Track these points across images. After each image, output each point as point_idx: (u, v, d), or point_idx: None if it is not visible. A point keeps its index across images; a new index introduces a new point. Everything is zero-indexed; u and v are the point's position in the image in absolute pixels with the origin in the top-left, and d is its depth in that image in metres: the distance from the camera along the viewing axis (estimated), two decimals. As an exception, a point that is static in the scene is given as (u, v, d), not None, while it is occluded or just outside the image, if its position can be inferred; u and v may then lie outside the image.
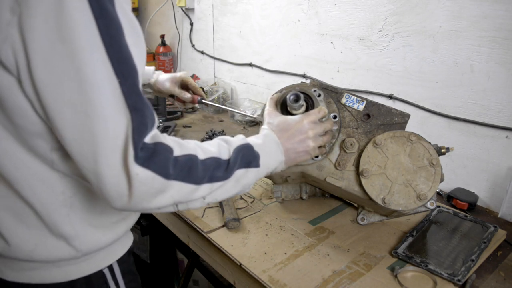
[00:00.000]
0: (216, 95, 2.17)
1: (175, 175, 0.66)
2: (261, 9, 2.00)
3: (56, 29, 0.58)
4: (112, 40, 0.60)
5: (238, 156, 0.79)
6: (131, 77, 0.63)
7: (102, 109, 0.60)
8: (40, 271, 0.77)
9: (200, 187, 0.71)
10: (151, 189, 0.64)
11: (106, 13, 0.60)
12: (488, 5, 1.24)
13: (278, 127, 0.92)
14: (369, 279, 0.98)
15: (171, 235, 1.37)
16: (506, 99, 1.27)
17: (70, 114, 0.60)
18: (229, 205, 1.23)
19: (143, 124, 0.63)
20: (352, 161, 1.09)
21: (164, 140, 0.67)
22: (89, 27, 0.58)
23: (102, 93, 0.60)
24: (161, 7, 2.58)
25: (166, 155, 0.66)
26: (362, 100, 1.10)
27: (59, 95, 0.60)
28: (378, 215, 1.19)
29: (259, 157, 0.83)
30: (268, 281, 0.96)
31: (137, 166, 0.62)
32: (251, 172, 0.81)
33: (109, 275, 0.84)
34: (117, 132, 0.61)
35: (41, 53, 0.58)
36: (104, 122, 0.60)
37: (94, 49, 0.59)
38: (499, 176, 1.33)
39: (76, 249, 0.76)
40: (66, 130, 0.61)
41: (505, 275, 1.02)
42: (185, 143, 0.72)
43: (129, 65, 0.63)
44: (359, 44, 1.62)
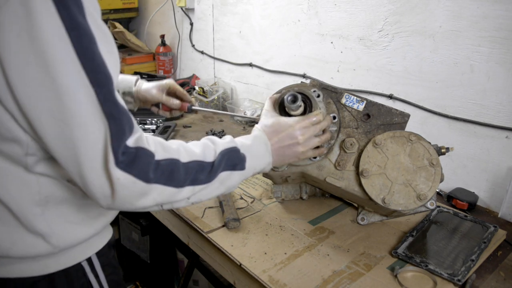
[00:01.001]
0: (216, 95, 2.17)
1: (156, 179, 0.69)
2: (261, 9, 2.00)
3: (29, 43, 0.60)
4: (85, 50, 0.63)
5: (223, 159, 0.80)
6: (106, 85, 0.65)
7: (79, 117, 0.63)
8: (18, 265, 0.79)
9: (182, 190, 0.74)
10: (132, 192, 0.67)
11: (77, 24, 0.62)
12: (488, 5, 1.24)
13: (271, 128, 0.94)
14: (369, 279, 0.98)
15: (171, 235, 1.37)
16: (506, 99, 1.27)
17: (51, 123, 0.63)
18: (229, 205, 1.23)
19: (120, 130, 0.65)
20: (352, 161, 1.09)
21: (147, 144, 0.69)
22: (61, 39, 0.61)
23: (79, 102, 0.62)
24: (161, 7, 2.58)
25: (147, 160, 0.68)
26: (362, 100, 1.10)
27: (38, 106, 0.62)
28: (378, 215, 1.19)
29: (245, 160, 0.85)
30: (268, 281, 0.96)
31: (118, 170, 0.65)
32: (236, 174, 0.83)
33: (88, 268, 0.86)
34: (96, 138, 0.64)
35: (17, 67, 0.61)
36: (83, 129, 0.63)
37: (67, 60, 0.61)
38: (499, 176, 1.33)
39: (53, 245, 0.78)
40: (48, 138, 0.65)
41: (505, 275, 1.02)
42: (169, 145, 0.74)
43: (104, 74, 0.65)
44: (359, 44, 1.62)
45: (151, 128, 1.88)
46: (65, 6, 0.61)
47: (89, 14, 0.64)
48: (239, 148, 0.85)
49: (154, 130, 1.85)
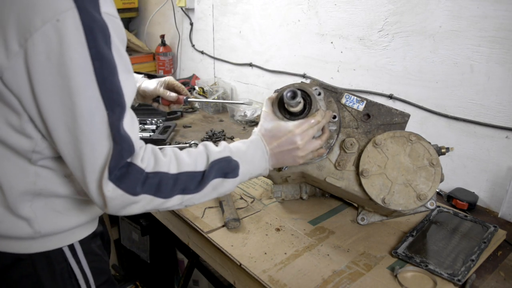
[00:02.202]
0: (216, 95, 2.17)
1: (144, 191, 0.76)
2: (261, 9, 2.00)
3: (57, 66, 0.67)
4: (105, 79, 0.70)
5: (213, 168, 0.83)
6: (118, 113, 0.72)
7: (90, 137, 0.71)
8: (4, 241, 0.84)
9: (171, 199, 0.80)
10: (122, 202, 0.75)
11: (101, 55, 0.69)
12: (488, 5, 1.24)
13: (270, 132, 0.94)
14: (369, 279, 0.98)
15: (171, 235, 1.37)
16: (506, 99, 1.27)
17: (66, 136, 0.72)
18: (229, 205, 1.23)
19: (119, 155, 0.73)
20: (352, 161, 1.09)
21: (139, 160, 0.76)
22: (86, 67, 0.68)
23: (92, 124, 0.70)
24: (161, 7, 2.58)
25: (136, 176, 0.75)
26: (362, 100, 1.10)
27: (57, 120, 0.71)
28: (378, 215, 1.19)
29: (239, 168, 0.87)
30: (268, 281, 0.96)
31: (110, 184, 0.72)
32: (229, 181, 0.86)
33: (69, 253, 0.90)
34: (99, 156, 0.72)
35: (43, 84, 0.69)
36: (91, 147, 0.71)
37: (88, 86, 0.69)
38: (499, 176, 1.33)
39: (35, 230, 0.84)
40: (62, 147, 0.73)
41: (505, 275, 1.02)
42: (161, 157, 0.79)
43: (118, 102, 0.73)
44: (359, 44, 1.62)
45: (151, 128, 1.88)
46: (94, 37, 0.68)
47: (114, 45, 0.72)
48: (231, 155, 0.87)
49: (154, 130, 1.85)
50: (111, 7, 0.74)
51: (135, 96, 1.29)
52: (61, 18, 0.66)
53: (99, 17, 0.70)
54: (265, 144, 0.93)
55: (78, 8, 0.67)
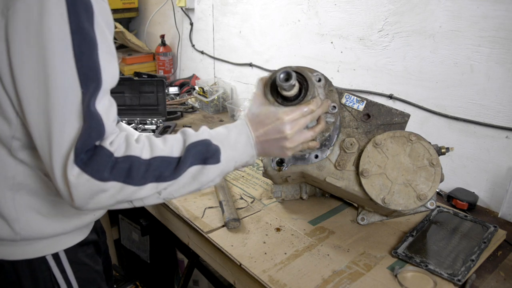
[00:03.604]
0: (216, 95, 2.17)
1: (113, 177, 0.69)
2: (261, 9, 2.00)
3: (35, 37, 0.66)
4: (82, 54, 0.67)
5: (190, 153, 0.75)
6: (91, 90, 0.69)
7: (61, 113, 0.67)
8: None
9: (144, 187, 0.72)
10: (88, 190, 0.68)
11: (82, 30, 0.67)
12: (488, 5, 1.24)
13: (257, 117, 0.84)
14: (369, 279, 0.98)
15: (171, 235, 1.37)
16: (506, 99, 1.27)
17: (37, 113, 0.68)
18: (229, 205, 1.23)
19: (87, 134, 0.68)
20: (352, 161, 1.09)
21: (108, 143, 0.70)
22: (64, 40, 0.66)
23: (64, 99, 0.67)
24: (161, 7, 2.58)
25: (103, 159, 0.69)
26: (362, 100, 1.10)
27: (30, 96, 0.68)
28: (378, 215, 1.19)
29: (220, 152, 0.78)
30: (268, 281, 0.96)
31: (75, 169, 0.67)
32: (210, 168, 0.77)
33: (53, 262, 0.87)
34: (68, 137, 0.68)
35: (20, 55, 0.67)
36: (60, 125, 0.67)
37: (64, 60, 0.66)
38: (499, 176, 1.33)
39: (15, 232, 0.81)
40: (33, 127, 0.69)
41: (505, 275, 1.02)
42: (133, 142, 0.73)
43: (94, 79, 0.69)
44: (359, 44, 1.62)
45: (151, 128, 1.88)
46: (76, 11, 0.67)
47: (98, 25, 0.70)
48: (211, 139, 0.78)
49: (154, 130, 1.85)
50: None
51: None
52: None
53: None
54: (251, 130, 0.82)
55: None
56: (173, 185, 0.75)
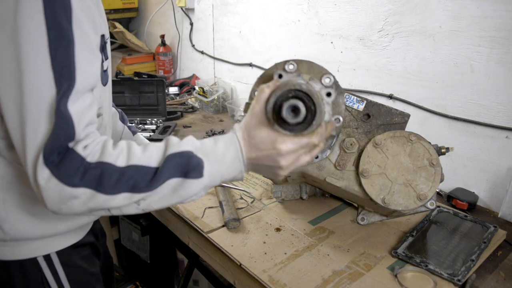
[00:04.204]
0: (216, 95, 2.17)
1: (83, 183, 0.66)
2: (261, 9, 2.00)
3: (10, 33, 0.64)
4: (58, 51, 0.65)
5: (169, 164, 0.69)
6: (64, 89, 0.66)
7: (34, 113, 0.65)
8: None
9: (116, 196, 0.67)
10: (58, 195, 0.66)
11: (58, 26, 0.65)
12: (488, 5, 1.24)
13: (253, 140, 0.73)
14: (369, 279, 0.98)
15: (171, 235, 1.37)
16: (506, 99, 1.27)
17: (13, 112, 0.67)
18: (229, 205, 1.23)
19: (55, 134, 0.65)
20: (352, 161, 1.09)
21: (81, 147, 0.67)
22: (39, 36, 0.64)
23: (38, 98, 0.65)
24: (161, 7, 2.58)
25: (74, 163, 0.66)
26: (362, 100, 1.10)
27: (7, 94, 0.66)
28: (378, 215, 1.19)
29: (203, 166, 0.70)
30: (268, 281, 0.96)
31: (45, 171, 0.64)
32: (191, 183, 0.70)
33: (45, 264, 0.86)
34: (41, 136, 0.66)
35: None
36: (33, 125, 0.65)
37: (38, 57, 0.64)
38: (499, 176, 1.33)
39: (4, 231, 0.80)
40: (9, 124, 0.68)
41: (505, 275, 1.02)
42: (109, 148, 0.69)
43: (67, 77, 0.66)
44: (359, 44, 1.62)
45: (151, 128, 1.88)
46: (52, 7, 0.65)
47: (76, 21, 0.67)
48: (194, 151, 0.70)
49: (154, 130, 1.85)
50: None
51: None
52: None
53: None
54: (242, 146, 0.73)
55: None
56: (151, 197, 0.69)
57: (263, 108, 0.73)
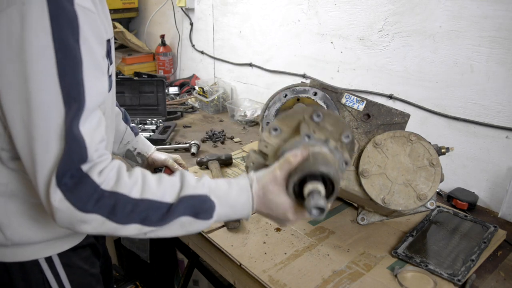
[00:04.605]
0: (216, 95, 2.17)
1: (95, 210, 0.67)
2: (261, 9, 2.00)
3: (16, 52, 0.63)
4: (66, 72, 0.65)
5: (183, 204, 0.72)
6: (74, 110, 0.66)
7: (43, 132, 0.65)
8: None
9: (127, 227, 0.69)
10: (69, 217, 0.67)
11: (65, 46, 0.65)
12: (488, 5, 1.24)
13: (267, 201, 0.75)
14: (369, 279, 0.98)
15: (171, 235, 1.37)
16: (506, 99, 1.27)
17: (21, 130, 0.67)
18: (229, 205, 1.23)
19: (68, 156, 0.66)
20: (352, 161, 1.09)
21: (96, 173, 0.68)
22: (46, 56, 0.64)
23: (47, 118, 0.65)
24: (161, 7, 2.58)
25: (88, 190, 0.67)
26: (362, 100, 1.10)
27: (13, 111, 0.66)
28: (378, 215, 1.19)
29: (214, 209, 0.74)
30: (268, 281, 0.96)
31: (58, 192, 0.65)
32: (200, 223, 0.74)
33: (46, 265, 0.86)
34: (51, 156, 0.66)
35: (2, 70, 0.65)
36: (43, 144, 0.66)
37: (47, 77, 0.64)
38: (499, 176, 1.33)
39: (6, 237, 0.80)
40: (18, 143, 0.68)
41: (505, 275, 1.02)
42: (125, 177, 0.70)
43: (76, 98, 0.67)
44: (359, 44, 1.62)
45: (151, 128, 1.88)
46: (60, 26, 0.64)
47: (84, 39, 0.67)
48: (209, 194, 0.74)
49: (154, 130, 1.85)
50: (87, 1, 0.69)
51: (141, 161, 1.29)
52: (27, 2, 0.63)
53: (70, 8, 0.65)
54: (254, 202, 0.76)
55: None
56: (160, 230, 0.72)
57: (285, 177, 0.74)
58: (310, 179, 0.70)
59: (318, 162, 0.71)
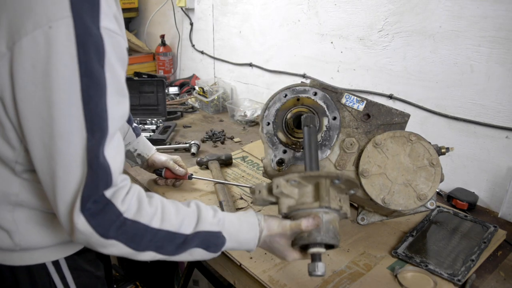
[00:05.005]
0: (216, 95, 2.17)
1: (116, 236, 0.69)
2: (261, 9, 2.00)
3: (41, 76, 0.63)
4: (91, 99, 0.65)
5: (198, 239, 0.77)
6: (97, 138, 0.67)
7: (65, 157, 0.66)
8: None
9: (143, 253, 0.73)
10: (89, 240, 0.69)
11: (91, 72, 0.64)
12: (488, 5, 1.24)
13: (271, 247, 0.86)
14: (369, 279, 0.98)
15: (171, 235, 1.37)
16: (506, 99, 1.27)
17: (41, 151, 0.67)
18: (229, 205, 1.23)
19: (94, 183, 0.67)
20: (352, 161, 1.09)
21: (120, 201, 0.69)
22: (72, 82, 0.63)
23: (69, 144, 0.65)
24: (161, 7, 2.58)
25: (111, 217, 0.68)
26: (362, 100, 1.10)
27: (35, 134, 0.66)
28: (378, 215, 1.19)
29: (224, 245, 0.81)
30: (268, 281, 0.96)
31: (81, 217, 0.66)
32: (208, 254, 0.80)
33: (53, 269, 0.86)
34: (73, 180, 0.67)
35: (24, 92, 0.64)
36: (65, 168, 0.66)
37: (71, 103, 0.64)
38: (499, 176, 1.33)
39: (14, 242, 0.80)
40: (37, 162, 0.68)
41: (505, 275, 1.02)
42: (146, 206, 0.73)
43: (100, 126, 0.67)
44: (359, 44, 1.62)
45: (151, 128, 1.88)
46: (86, 52, 0.63)
47: (108, 64, 0.67)
48: (222, 231, 0.80)
49: (154, 130, 1.85)
50: (113, 22, 0.69)
51: (140, 163, 1.32)
52: (54, 26, 0.62)
53: (96, 32, 0.65)
54: (259, 243, 0.85)
55: (75, 18, 0.62)
56: (171, 258, 0.77)
57: (293, 234, 0.83)
58: (317, 245, 0.81)
59: (328, 236, 0.80)
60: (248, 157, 1.62)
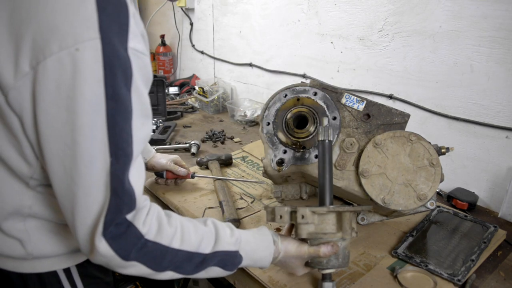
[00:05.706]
0: (216, 95, 2.17)
1: (137, 258, 0.69)
2: (261, 9, 2.00)
3: (65, 99, 0.60)
4: (116, 123, 0.63)
5: (216, 258, 0.79)
6: (122, 163, 0.65)
7: (87, 180, 0.64)
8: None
9: (162, 273, 0.74)
10: (109, 263, 0.69)
11: (118, 96, 0.62)
12: (488, 5, 1.24)
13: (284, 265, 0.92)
14: (369, 279, 0.98)
15: (171, 235, 1.37)
16: (506, 99, 1.27)
17: (60, 173, 0.65)
18: (229, 205, 1.23)
19: (118, 208, 0.66)
20: (352, 161, 1.09)
21: (141, 223, 0.69)
22: (98, 106, 0.61)
23: (92, 167, 0.63)
24: (161, 7, 2.58)
25: (133, 240, 0.68)
26: (362, 100, 1.10)
27: (55, 156, 0.64)
28: (378, 215, 1.19)
29: (240, 263, 0.83)
30: (268, 282, 0.96)
31: (103, 240, 0.65)
32: (224, 272, 0.82)
33: (64, 276, 0.86)
34: (94, 203, 0.65)
35: (46, 114, 0.62)
36: (86, 191, 0.64)
37: (96, 127, 0.62)
38: (499, 176, 1.33)
39: (27, 251, 0.79)
40: (55, 183, 0.66)
41: (505, 275, 1.02)
42: (166, 226, 0.72)
43: (125, 151, 0.65)
44: (359, 44, 1.62)
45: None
46: (114, 75, 0.61)
47: (135, 87, 0.65)
48: (239, 250, 0.82)
49: (154, 130, 1.85)
50: (140, 42, 0.67)
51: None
52: (81, 48, 0.59)
53: (124, 54, 0.62)
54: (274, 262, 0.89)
55: (103, 40, 0.60)
56: (188, 276, 0.77)
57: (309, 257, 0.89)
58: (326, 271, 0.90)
59: (344, 262, 0.89)
60: (248, 157, 1.62)
